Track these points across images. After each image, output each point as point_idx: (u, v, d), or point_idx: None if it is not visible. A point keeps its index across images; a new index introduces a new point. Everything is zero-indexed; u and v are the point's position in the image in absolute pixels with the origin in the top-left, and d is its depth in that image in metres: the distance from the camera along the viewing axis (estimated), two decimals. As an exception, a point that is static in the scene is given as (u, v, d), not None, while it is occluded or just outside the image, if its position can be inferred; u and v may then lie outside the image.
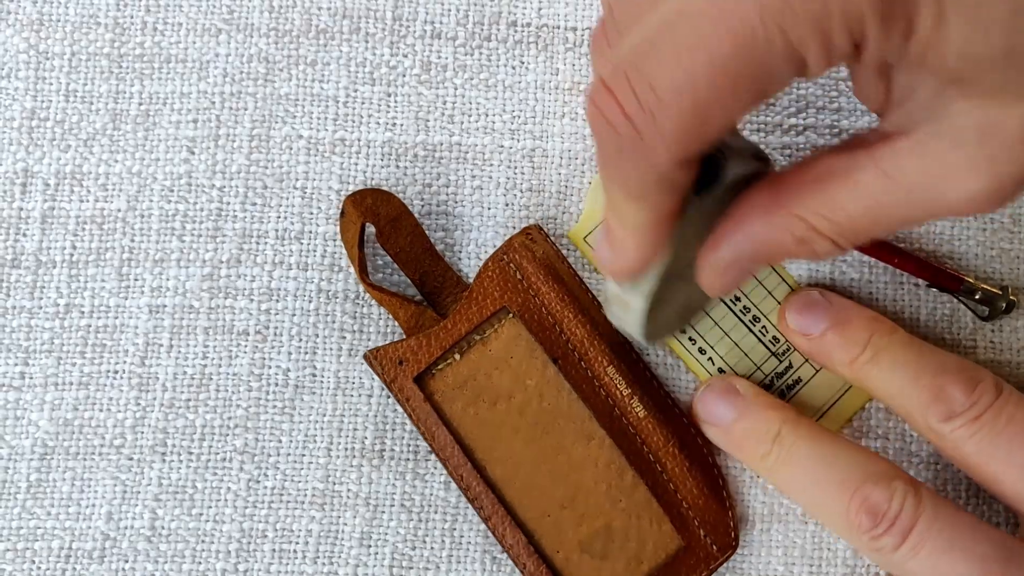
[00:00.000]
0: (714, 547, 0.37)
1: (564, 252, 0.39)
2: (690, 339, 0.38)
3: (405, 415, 0.38)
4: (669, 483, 0.37)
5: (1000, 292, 0.39)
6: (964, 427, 0.34)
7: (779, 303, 0.38)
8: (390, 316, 0.39)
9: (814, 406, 0.38)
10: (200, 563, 0.38)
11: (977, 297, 0.39)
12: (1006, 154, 0.26)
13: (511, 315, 0.38)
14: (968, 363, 0.36)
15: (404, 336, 0.38)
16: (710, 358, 0.38)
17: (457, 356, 0.38)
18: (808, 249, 0.29)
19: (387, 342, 0.39)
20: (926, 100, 0.27)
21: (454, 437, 0.37)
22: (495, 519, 0.37)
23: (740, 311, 0.38)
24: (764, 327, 0.39)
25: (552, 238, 0.39)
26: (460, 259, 0.40)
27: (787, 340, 0.38)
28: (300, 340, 0.39)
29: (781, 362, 0.38)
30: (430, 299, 0.39)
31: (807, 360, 0.38)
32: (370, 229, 0.39)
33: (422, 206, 0.40)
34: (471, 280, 0.39)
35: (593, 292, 0.39)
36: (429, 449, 0.38)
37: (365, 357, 0.38)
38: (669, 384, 0.39)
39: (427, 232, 0.40)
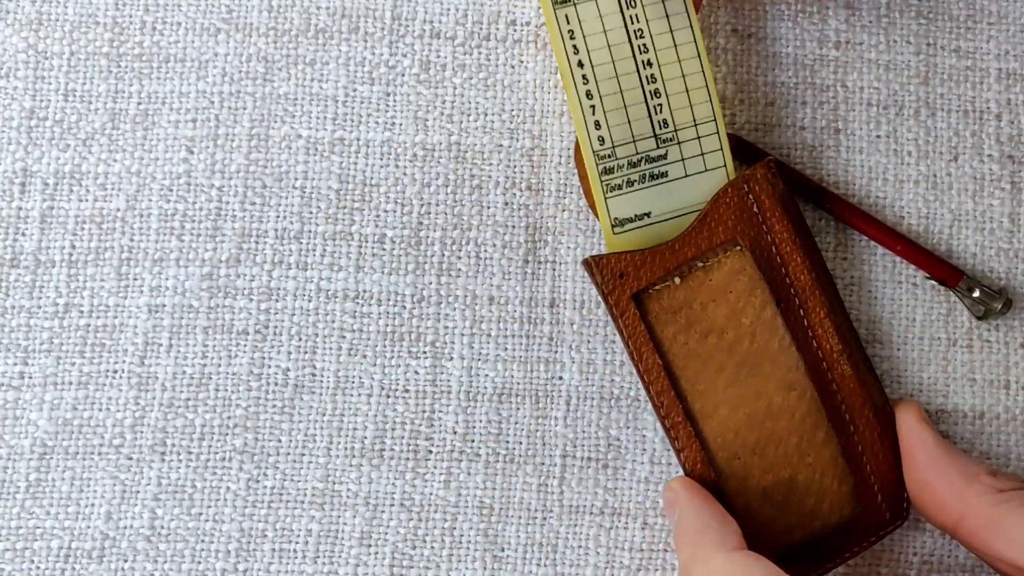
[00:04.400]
0: (888, 514, 0.37)
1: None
2: (583, 77, 0.36)
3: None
4: (858, 445, 0.37)
5: (997, 292, 0.39)
6: None
7: (687, 90, 0.37)
8: (391, 314, 0.39)
9: (664, 206, 0.37)
10: (200, 563, 0.38)
11: (975, 295, 0.39)
12: None
13: (739, 247, 0.37)
14: None
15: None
16: (592, 106, 0.36)
17: (677, 280, 0.37)
18: None
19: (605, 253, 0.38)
20: None
21: (662, 362, 0.37)
22: (687, 452, 0.36)
23: (646, 77, 0.37)
24: (660, 105, 0.37)
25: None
26: (459, 258, 0.40)
27: (675, 132, 0.37)
28: (299, 340, 0.39)
29: (658, 148, 0.37)
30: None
31: (683, 160, 0.37)
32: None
33: (421, 206, 0.40)
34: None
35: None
36: (634, 365, 0.37)
37: (585, 263, 0.37)
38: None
39: (428, 231, 0.40)
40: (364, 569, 0.38)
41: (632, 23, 0.36)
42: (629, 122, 0.36)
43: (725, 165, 0.37)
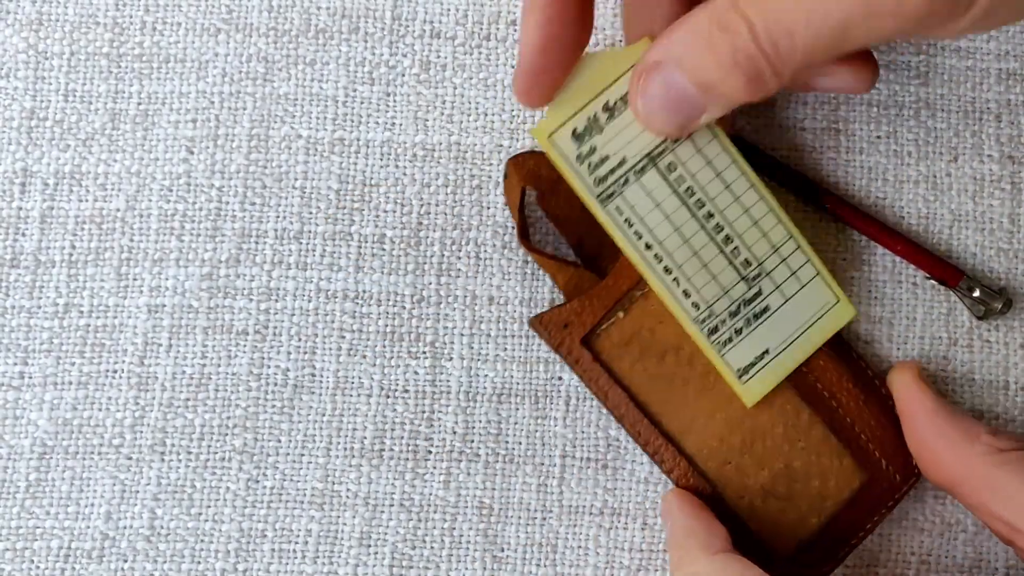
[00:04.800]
0: (897, 476, 0.37)
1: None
2: (656, 256, 0.36)
3: (571, 374, 0.38)
4: (846, 418, 0.37)
5: (997, 292, 0.39)
6: None
7: (755, 223, 0.36)
8: (391, 315, 0.39)
9: (779, 336, 0.37)
10: (199, 563, 0.38)
11: (975, 295, 0.39)
12: None
13: None
14: None
15: (564, 300, 0.38)
16: (675, 279, 0.36)
17: (621, 314, 0.38)
18: (728, 43, 0.28)
19: (547, 309, 0.38)
20: None
21: (627, 394, 0.37)
22: (677, 472, 0.37)
23: (713, 229, 0.36)
24: (736, 248, 0.36)
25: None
26: (459, 258, 0.40)
27: (760, 265, 0.36)
28: (299, 340, 0.39)
29: (751, 288, 0.36)
30: (588, 263, 0.39)
31: (778, 287, 0.37)
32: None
33: (421, 206, 0.40)
34: None
35: None
36: (601, 404, 0.38)
37: (531, 324, 0.38)
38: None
39: (428, 231, 0.40)
40: (364, 569, 0.38)
41: (679, 185, 0.35)
42: (714, 277, 0.36)
43: (819, 273, 0.37)
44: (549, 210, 0.38)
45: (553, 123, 0.34)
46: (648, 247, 0.35)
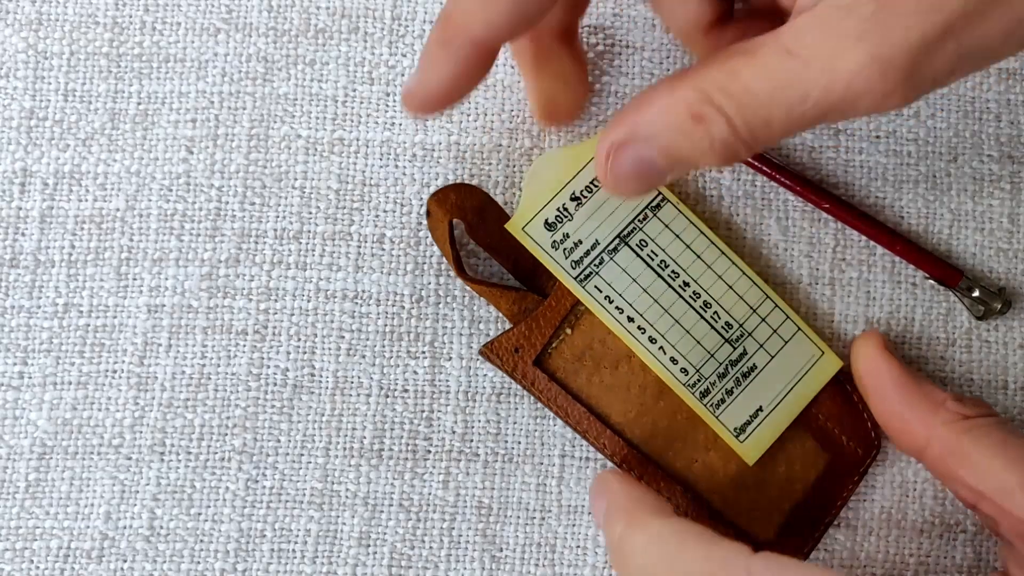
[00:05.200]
0: (859, 451, 0.38)
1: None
2: (639, 328, 0.37)
3: (530, 398, 0.38)
4: None
5: (997, 292, 0.39)
6: None
7: (730, 287, 0.38)
8: (390, 314, 0.39)
9: (771, 393, 0.38)
10: (198, 563, 0.38)
11: (975, 295, 0.39)
12: (900, 21, 0.25)
13: None
14: (721, 560, 0.31)
15: (511, 325, 0.38)
16: (661, 347, 0.37)
17: (568, 331, 0.38)
18: (704, 131, 0.28)
19: (498, 334, 0.38)
20: None
21: (587, 409, 0.38)
22: (647, 477, 0.37)
23: (690, 296, 0.38)
24: (716, 312, 0.38)
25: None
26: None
27: (741, 326, 0.38)
28: (298, 340, 0.39)
29: (735, 349, 0.38)
30: (526, 282, 0.39)
31: (762, 346, 0.38)
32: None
33: (420, 206, 0.40)
34: None
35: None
36: (557, 417, 0.38)
37: (481, 353, 0.38)
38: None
39: (427, 231, 0.40)
40: (362, 569, 0.38)
41: (652, 260, 0.37)
42: (699, 342, 0.37)
43: (800, 328, 0.38)
44: (479, 239, 0.39)
45: (525, 217, 0.37)
46: (631, 320, 0.37)
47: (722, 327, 0.38)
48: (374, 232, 0.40)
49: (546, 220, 0.37)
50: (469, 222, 0.38)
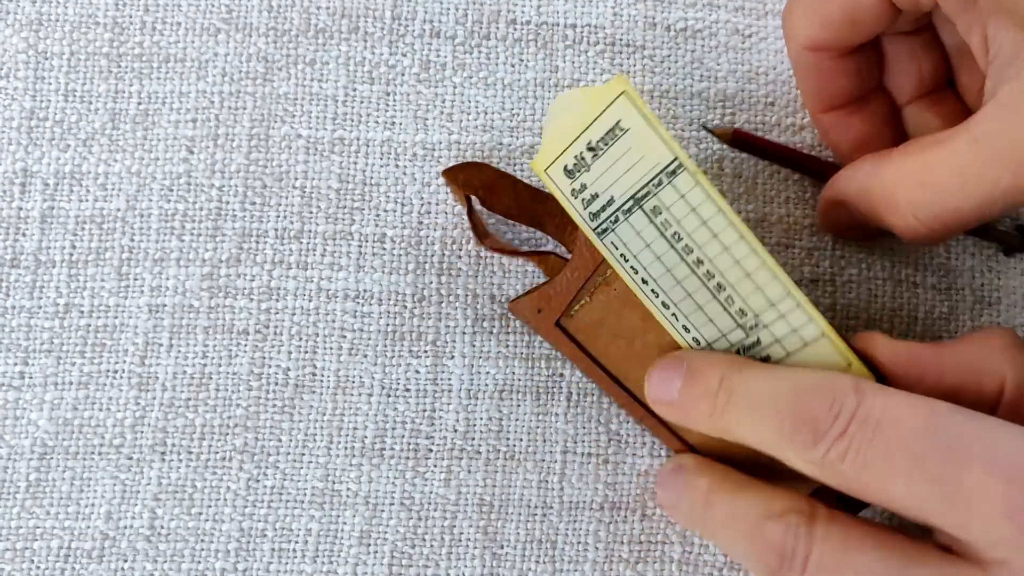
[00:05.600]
0: None
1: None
2: (652, 291, 0.35)
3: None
4: None
5: (1016, 231, 0.40)
6: (834, 448, 0.30)
7: (747, 275, 0.35)
8: (392, 314, 0.39)
9: None
10: (199, 562, 0.38)
11: (1001, 228, 0.40)
12: None
13: None
14: (826, 373, 0.32)
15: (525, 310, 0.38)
16: (674, 314, 0.35)
17: (588, 299, 0.37)
18: (890, 204, 0.31)
19: (520, 294, 0.39)
20: (1008, 55, 0.27)
21: (606, 372, 0.37)
22: (662, 435, 0.38)
23: (704, 275, 0.35)
24: (730, 297, 0.35)
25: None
26: (459, 257, 0.40)
27: (757, 317, 0.35)
28: (300, 339, 0.39)
29: (748, 336, 0.35)
30: (556, 236, 0.39)
31: (778, 340, 0.35)
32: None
33: (421, 205, 0.40)
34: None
35: None
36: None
37: (510, 308, 0.38)
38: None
39: (428, 230, 0.40)
40: (363, 568, 0.38)
41: (666, 229, 0.35)
42: (711, 320, 0.35)
43: (825, 334, 0.34)
44: (496, 210, 0.38)
45: (548, 158, 0.35)
46: (644, 282, 0.35)
47: (736, 312, 0.35)
48: (375, 231, 0.40)
49: (565, 166, 0.35)
50: (482, 197, 0.38)
